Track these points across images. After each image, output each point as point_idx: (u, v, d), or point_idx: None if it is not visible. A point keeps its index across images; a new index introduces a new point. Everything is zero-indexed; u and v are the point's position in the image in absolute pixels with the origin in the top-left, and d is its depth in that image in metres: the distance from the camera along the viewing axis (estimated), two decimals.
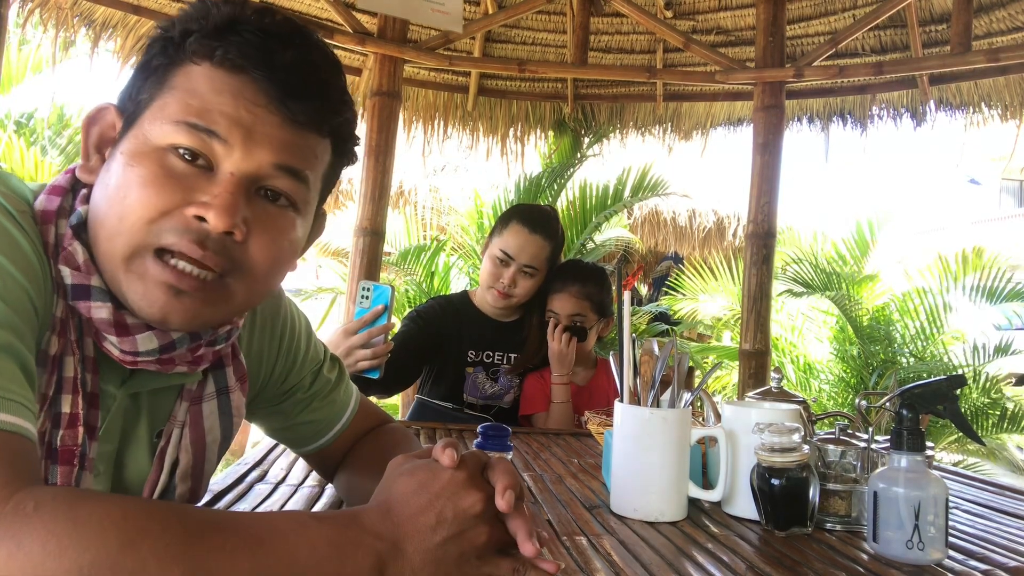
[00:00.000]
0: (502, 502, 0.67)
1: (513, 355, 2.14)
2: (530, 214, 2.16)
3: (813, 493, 1.03)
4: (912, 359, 5.32)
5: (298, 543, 0.61)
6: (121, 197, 0.70)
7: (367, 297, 1.58)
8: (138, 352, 0.75)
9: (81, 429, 0.73)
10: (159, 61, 0.74)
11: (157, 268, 0.70)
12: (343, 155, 0.84)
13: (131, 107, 0.75)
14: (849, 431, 1.15)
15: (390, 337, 1.65)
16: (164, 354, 0.77)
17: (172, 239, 0.70)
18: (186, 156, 0.71)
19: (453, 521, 0.65)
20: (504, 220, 2.13)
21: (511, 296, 2.08)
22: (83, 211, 0.75)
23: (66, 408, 0.72)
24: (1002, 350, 5.27)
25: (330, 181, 0.84)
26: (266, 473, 1.26)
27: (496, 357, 2.14)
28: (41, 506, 0.54)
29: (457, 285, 5.12)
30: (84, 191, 0.77)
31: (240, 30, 0.73)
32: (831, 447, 1.11)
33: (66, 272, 0.73)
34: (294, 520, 0.63)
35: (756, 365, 3.34)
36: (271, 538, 0.60)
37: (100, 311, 0.73)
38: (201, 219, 0.70)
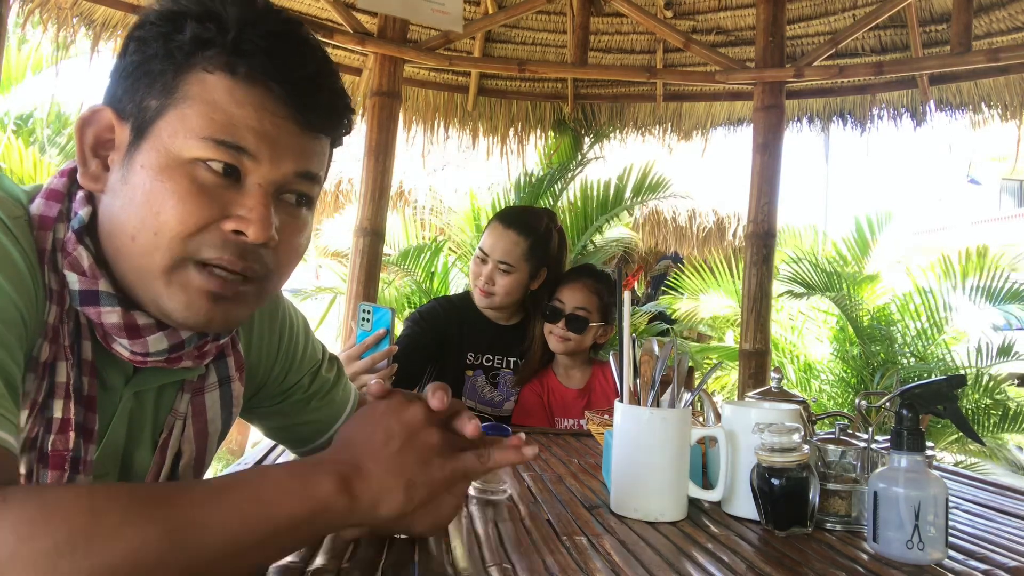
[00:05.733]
0: (433, 400, 0.73)
1: (513, 359, 2.14)
2: (508, 212, 2.20)
3: (813, 493, 1.03)
4: (913, 359, 5.32)
5: (262, 483, 0.63)
6: (155, 213, 0.71)
7: (367, 320, 1.57)
8: (149, 353, 0.76)
9: (72, 434, 0.73)
10: (163, 66, 0.72)
11: (201, 278, 0.72)
12: (336, 146, 0.86)
13: (135, 112, 0.73)
14: (849, 431, 1.15)
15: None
16: (173, 353, 0.78)
17: (213, 254, 0.72)
18: (216, 169, 0.72)
19: (400, 431, 0.70)
20: (489, 221, 2.16)
21: (492, 295, 2.08)
22: (84, 215, 0.74)
23: (57, 413, 0.72)
24: (1005, 351, 5.26)
25: (327, 171, 0.86)
26: None
27: (496, 361, 2.13)
28: (10, 498, 0.55)
29: (457, 285, 5.12)
30: (81, 194, 0.76)
31: (254, 37, 0.72)
32: (831, 447, 1.11)
33: (72, 278, 0.73)
34: (255, 469, 0.68)
35: (756, 365, 3.34)
36: (234, 485, 0.63)
37: (111, 316, 0.73)
38: (238, 232, 0.72)
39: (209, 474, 0.93)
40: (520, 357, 2.14)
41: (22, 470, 0.70)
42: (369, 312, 1.58)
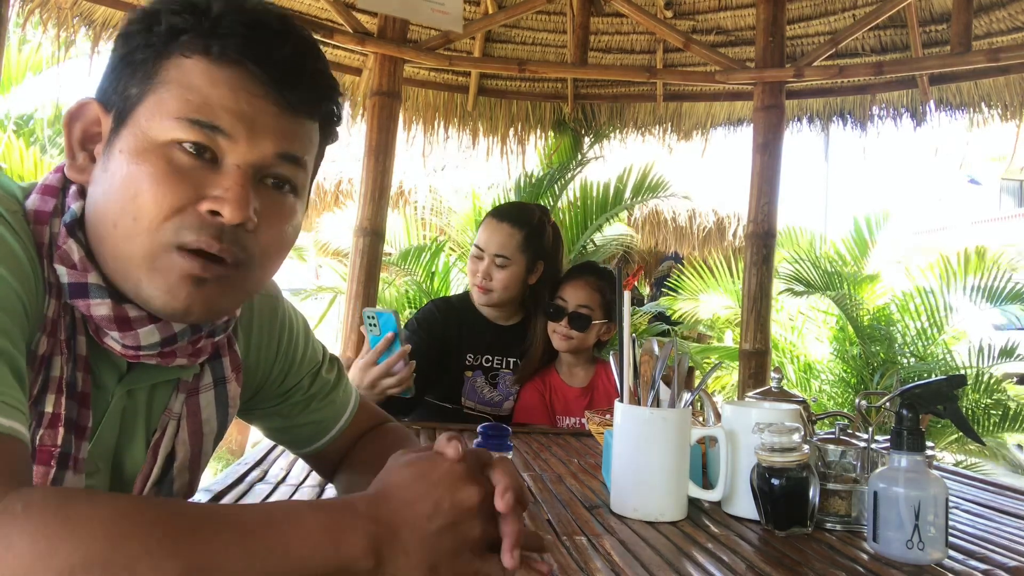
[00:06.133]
0: (501, 502, 0.67)
1: (512, 359, 2.13)
2: (501, 207, 2.23)
3: (813, 493, 1.03)
4: (913, 359, 5.32)
5: (291, 532, 0.60)
6: (131, 196, 0.70)
7: (374, 325, 1.60)
8: (140, 346, 0.75)
9: (62, 430, 0.73)
10: (143, 55, 0.73)
11: (183, 261, 0.71)
12: (328, 136, 0.85)
13: (119, 103, 0.74)
14: (849, 431, 1.15)
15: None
16: (166, 347, 0.77)
17: (190, 237, 0.71)
18: (191, 150, 0.71)
19: (449, 512, 0.65)
20: (483, 218, 2.19)
21: (490, 291, 2.08)
22: (76, 208, 0.74)
23: (49, 408, 0.72)
24: (1007, 352, 5.25)
25: (319, 162, 0.86)
26: (266, 473, 1.26)
27: (495, 361, 2.13)
28: (30, 507, 0.54)
29: (457, 285, 5.13)
30: (74, 188, 0.76)
31: (232, 22, 0.72)
32: (831, 447, 1.11)
33: (62, 271, 0.72)
34: (287, 510, 0.63)
35: (756, 365, 3.34)
36: (263, 529, 0.60)
37: (100, 308, 0.73)
38: (214, 213, 0.71)
39: (207, 474, 0.93)
40: (519, 357, 2.13)
41: None
42: (374, 317, 1.61)
